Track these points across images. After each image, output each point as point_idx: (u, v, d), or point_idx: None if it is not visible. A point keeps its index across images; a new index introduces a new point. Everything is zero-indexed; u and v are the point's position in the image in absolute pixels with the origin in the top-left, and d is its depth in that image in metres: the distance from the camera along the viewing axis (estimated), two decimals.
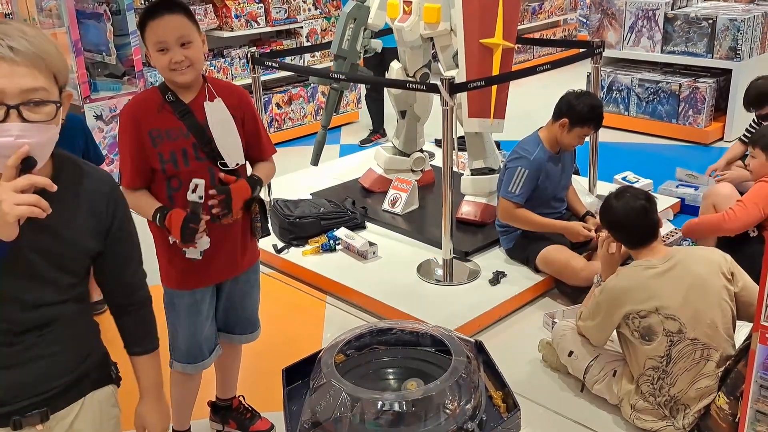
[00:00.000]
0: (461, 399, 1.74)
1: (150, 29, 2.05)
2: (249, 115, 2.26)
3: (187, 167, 2.14)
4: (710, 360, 2.47)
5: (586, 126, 3.52)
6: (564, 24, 9.58)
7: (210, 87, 2.18)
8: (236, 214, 2.21)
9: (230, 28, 5.83)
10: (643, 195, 2.69)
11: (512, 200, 3.56)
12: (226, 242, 2.25)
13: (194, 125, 2.13)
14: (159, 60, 2.07)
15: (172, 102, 2.13)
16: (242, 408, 2.72)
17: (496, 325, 3.40)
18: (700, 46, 5.85)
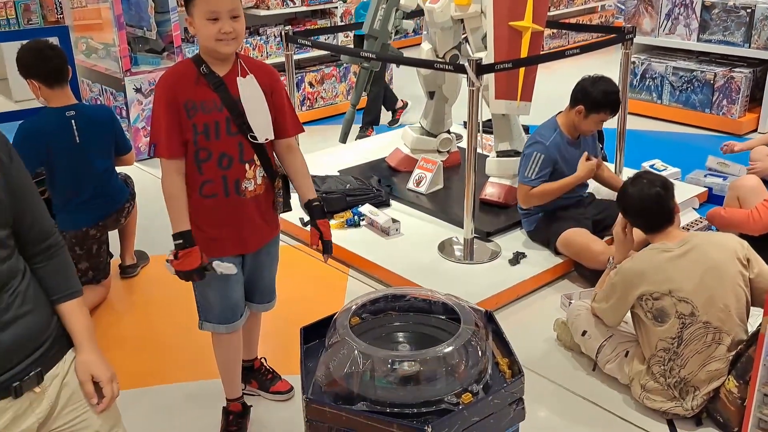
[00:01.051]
0: (468, 363, 1.81)
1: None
2: (277, 93, 2.33)
3: (218, 140, 2.22)
4: (721, 344, 2.50)
5: (602, 112, 3.54)
6: (601, 10, 9.48)
7: (242, 63, 2.25)
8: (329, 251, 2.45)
9: (266, 6, 5.92)
10: (659, 182, 2.71)
11: (529, 185, 3.60)
12: (253, 215, 2.33)
13: (227, 99, 2.20)
14: (207, 29, 2.12)
15: (207, 74, 2.19)
16: (264, 369, 2.83)
17: (514, 303, 3.46)
18: (738, 36, 5.78)
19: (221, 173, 2.24)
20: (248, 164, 2.27)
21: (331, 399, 1.81)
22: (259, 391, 2.82)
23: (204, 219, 2.27)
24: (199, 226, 2.29)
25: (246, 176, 2.27)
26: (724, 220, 3.55)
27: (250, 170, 2.28)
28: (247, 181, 2.28)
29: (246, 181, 2.27)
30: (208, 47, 2.18)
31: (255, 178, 2.29)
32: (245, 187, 2.28)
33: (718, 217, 3.58)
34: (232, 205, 2.28)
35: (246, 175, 2.27)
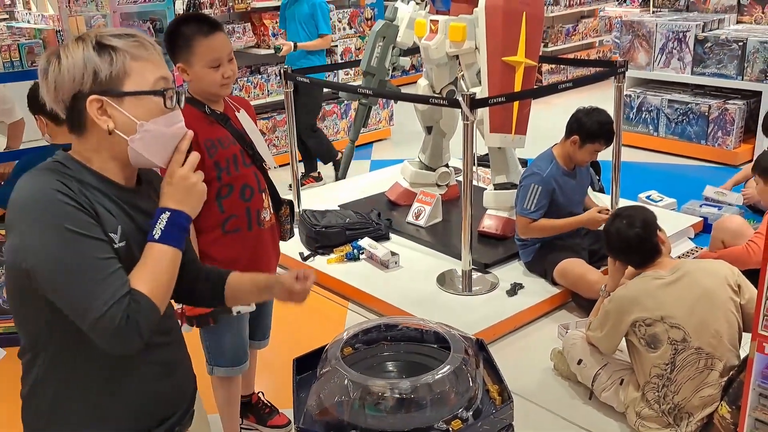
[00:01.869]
0: (458, 390, 1.84)
1: (204, 46, 2.15)
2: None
3: (237, 173, 2.27)
4: (714, 369, 2.52)
5: (597, 142, 3.61)
6: (599, 46, 9.63)
7: (228, 99, 2.34)
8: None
9: (267, 45, 6.06)
10: (639, 221, 2.71)
11: (528, 216, 3.65)
12: (268, 246, 2.39)
13: (235, 132, 2.28)
14: (210, 76, 2.17)
15: (212, 114, 2.25)
16: (261, 403, 2.85)
17: (512, 334, 3.48)
18: (731, 68, 5.87)
19: (245, 205, 2.28)
20: (264, 193, 2.35)
21: (323, 428, 1.84)
22: (257, 426, 2.84)
23: (223, 254, 2.26)
24: (214, 259, 2.24)
25: (264, 206, 2.34)
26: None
27: (266, 199, 2.35)
28: (265, 210, 2.34)
29: (264, 211, 2.35)
30: (209, 92, 2.23)
31: (269, 207, 2.37)
32: (264, 217, 2.34)
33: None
34: (253, 237, 2.32)
35: (263, 204, 2.34)
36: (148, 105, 1.34)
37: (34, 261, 1.26)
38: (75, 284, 1.25)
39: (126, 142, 1.34)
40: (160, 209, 1.37)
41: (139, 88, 1.33)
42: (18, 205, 1.28)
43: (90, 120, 1.33)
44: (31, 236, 1.25)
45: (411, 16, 4.27)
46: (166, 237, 1.35)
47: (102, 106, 1.32)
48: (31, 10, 8.21)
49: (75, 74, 1.31)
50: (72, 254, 1.25)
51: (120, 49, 1.32)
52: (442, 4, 4.09)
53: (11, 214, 1.29)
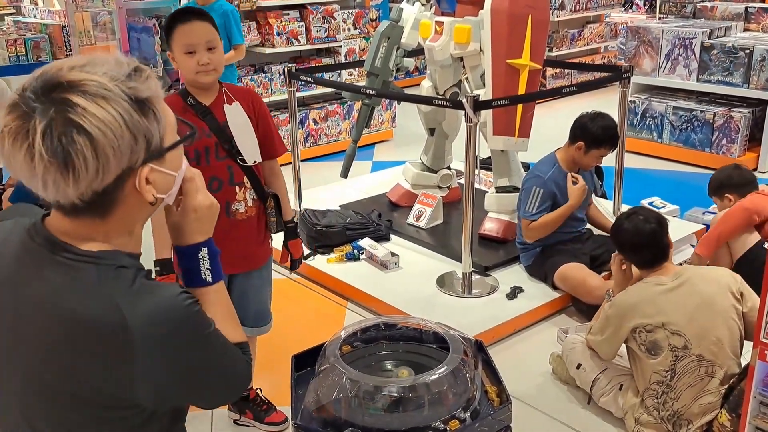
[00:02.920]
0: (456, 390, 1.82)
1: (180, 32, 2.24)
2: (263, 117, 2.45)
3: (208, 165, 2.32)
4: (714, 377, 2.50)
5: (602, 147, 3.60)
6: (604, 51, 9.62)
7: (227, 91, 2.37)
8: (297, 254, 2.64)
9: (272, 45, 6.05)
10: (654, 218, 2.73)
11: (530, 219, 3.64)
12: (241, 235, 2.41)
13: (215, 125, 2.32)
14: (186, 62, 2.25)
15: (193, 105, 2.32)
16: (258, 400, 2.85)
17: (511, 337, 3.47)
18: (737, 76, 5.85)
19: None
20: (238, 187, 2.38)
21: (320, 425, 1.82)
22: (253, 422, 2.82)
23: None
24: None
25: (236, 198, 2.38)
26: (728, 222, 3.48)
27: (240, 192, 2.39)
28: (238, 203, 2.39)
29: (236, 203, 2.38)
30: (189, 79, 2.31)
31: (246, 200, 2.40)
32: (235, 209, 2.38)
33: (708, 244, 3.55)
34: (223, 226, 2.31)
35: (236, 197, 2.38)
36: (179, 151, 1.13)
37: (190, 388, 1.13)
38: (221, 373, 1.17)
39: (154, 206, 1.11)
40: (193, 247, 1.20)
41: (173, 137, 1.10)
42: (160, 337, 1.04)
43: (123, 197, 1.05)
44: (187, 360, 1.09)
45: (416, 17, 4.25)
46: (217, 274, 1.23)
47: (146, 174, 1.06)
48: (37, 5, 8.23)
49: (122, 150, 0.99)
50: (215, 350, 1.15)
51: (155, 98, 1.05)
52: (448, 5, 4.08)
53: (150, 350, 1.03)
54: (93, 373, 1.04)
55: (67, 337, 1.03)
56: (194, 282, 1.21)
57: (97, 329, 1.01)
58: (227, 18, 4.71)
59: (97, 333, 1.02)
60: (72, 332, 1.03)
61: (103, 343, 1.02)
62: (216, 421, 2.79)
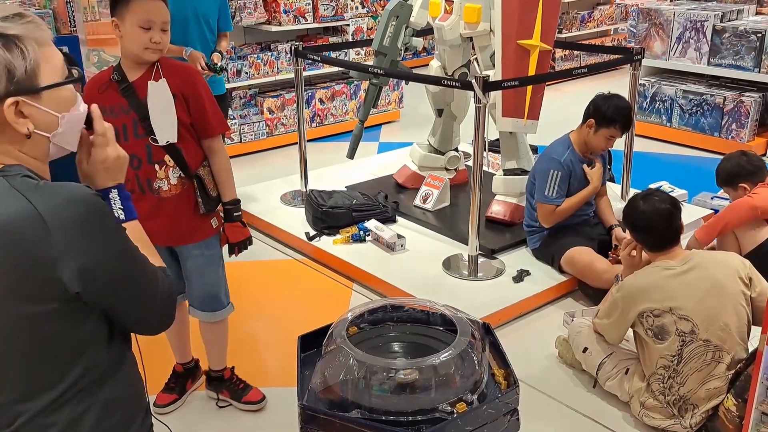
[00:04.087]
0: (463, 373, 1.82)
1: (138, 6, 2.21)
2: (194, 95, 2.38)
3: (126, 142, 2.30)
4: (721, 362, 2.49)
5: (612, 127, 3.55)
6: (614, 34, 9.52)
7: (159, 67, 2.32)
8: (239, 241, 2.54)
9: (278, 22, 6.00)
10: (669, 200, 2.72)
11: (552, 203, 3.61)
12: (169, 212, 2.40)
13: (135, 102, 2.30)
14: (138, 36, 2.22)
15: (118, 81, 2.30)
16: (235, 379, 2.85)
17: (517, 320, 3.46)
18: (748, 60, 5.78)
19: (133, 173, 2.33)
20: (158, 165, 2.36)
21: (326, 406, 1.82)
22: (231, 401, 2.83)
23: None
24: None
25: (157, 176, 2.36)
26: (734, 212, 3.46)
27: (161, 171, 2.37)
28: (160, 180, 2.37)
29: (158, 181, 2.37)
30: (134, 53, 2.27)
31: (168, 178, 2.38)
32: (158, 186, 2.37)
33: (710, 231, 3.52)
34: (150, 202, 2.37)
35: (157, 175, 2.36)
36: (64, 94, 1.23)
37: (108, 268, 1.20)
38: (144, 279, 1.27)
39: (47, 140, 1.23)
40: (104, 191, 1.34)
41: (54, 77, 1.20)
42: (72, 218, 1.15)
43: (3, 121, 1.17)
44: (103, 245, 1.19)
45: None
46: (129, 214, 1.37)
47: (17, 107, 1.17)
48: None
49: None
50: (133, 254, 1.25)
51: (25, 37, 1.16)
52: None
53: (64, 232, 1.13)
54: (20, 265, 1.14)
55: None
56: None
57: (13, 226, 1.12)
58: (223, 3, 4.21)
59: (14, 229, 1.12)
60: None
61: (21, 236, 1.13)
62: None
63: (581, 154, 3.66)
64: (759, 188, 3.47)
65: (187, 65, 2.50)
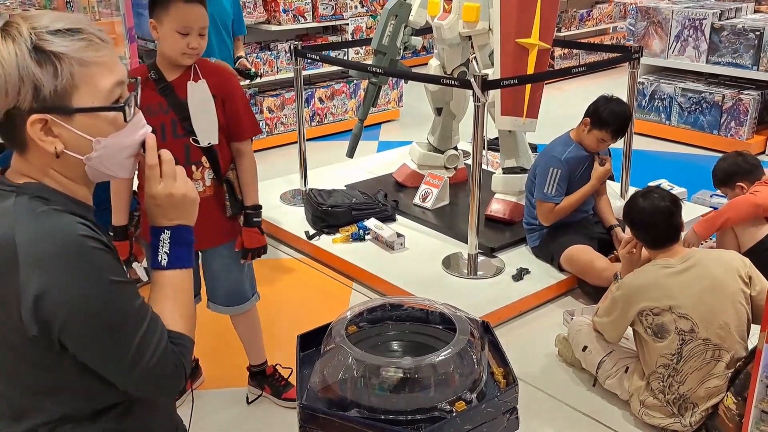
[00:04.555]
0: (462, 371, 1.82)
1: (178, 11, 2.19)
2: (231, 98, 2.38)
3: (164, 142, 2.26)
4: (721, 360, 2.50)
5: (604, 130, 3.55)
6: (613, 32, 9.52)
7: (197, 68, 2.31)
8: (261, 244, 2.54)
9: (278, 22, 6.00)
10: (669, 197, 2.72)
11: (551, 201, 3.61)
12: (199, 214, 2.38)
13: (175, 102, 2.28)
14: (176, 42, 2.20)
15: (155, 79, 2.28)
16: (277, 375, 2.87)
17: (517, 319, 3.46)
18: (746, 58, 5.78)
19: None
20: (195, 166, 2.35)
21: (325, 405, 1.82)
22: (271, 397, 2.84)
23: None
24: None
25: (193, 177, 2.34)
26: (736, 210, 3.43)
27: (197, 172, 2.36)
28: (195, 182, 2.34)
29: (194, 183, 2.33)
30: (171, 57, 2.26)
31: (203, 179, 2.37)
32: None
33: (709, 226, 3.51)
34: None
35: (193, 176, 2.34)
36: (104, 119, 1.14)
37: (74, 322, 1.08)
38: (121, 341, 1.11)
39: (81, 162, 1.15)
40: (156, 229, 1.24)
41: (93, 101, 1.12)
42: (40, 255, 1.07)
43: (29, 138, 1.11)
44: (70, 294, 1.07)
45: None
46: (175, 261, 1.23)
47: (46, 125, 1.10)
48: None
49: (8, 89, 1.07)
50: (116, 307, 1.11)
51: (65, 55, 1.09)
52: None
53: (29, 268, 1.06)
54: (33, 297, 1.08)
55: None
56: (152, 262, 1.25)
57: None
58: (237, 5, 4.17)
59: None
60: None
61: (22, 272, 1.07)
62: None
63: (581, 152, 3.66)
64: (760, 186, 3.47)
65: (223, 66, 2.52)
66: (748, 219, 3.41)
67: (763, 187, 3.45)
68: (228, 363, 3.04)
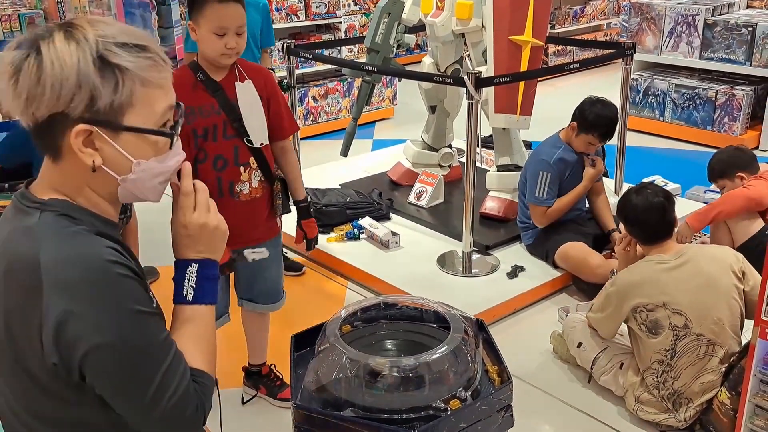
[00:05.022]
0: (456, 369, 1.82)
1: (213, 11, 2.17)
2: (274, 97, 2.41)
3: (215, 142, 2.30)
4: (715, 356, 2.50)
5: (590, 133, 3.55)
6: (606, 28, 9.53)
7: (240, 68, 2.32)
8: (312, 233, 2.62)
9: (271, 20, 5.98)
10: (662, 193, 2.73)
11: (543, 204, 3.61)
12: (245, 216, 2.38)
13: (225, 103, 2.28)
14: (213, 42, 2.19)
15: (204, 80, 2.28)
16: (273, 375, 2.87)
17: (512, 316, 3.46)
18: (739, 54, 5.80)
19: (216, 174, 2.30)
20: (243, 167, 2.34)
21: (320, 405, 1.82)
22: (267, 397, 2.84)
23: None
24: None
25: (240, 179, 2.34)
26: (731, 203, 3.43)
27: (245, 173, 2.35)
28: (242, 183, 2.35)
29: (240, 184, 2.34)
30: (211, 58, 2.26)
31: (251, 181, 2.36)
32: (239, 189, 2.35)
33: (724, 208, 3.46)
34: (225, 206, 2.23)
35: (241, 177, 2.34)
36: (149, 142, 1.11)
37: (95, 353, 1.03)
38: (143, 376, 1.06)
39: (115, 181, 1.11)
40: (183, 262, 1.19)
41: (144, 122, 1.09)
42: (64, 280, 1.02)
43: (68, 147, 1.06)
44: (90, 318, 1.02)
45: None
46: (201, 296, 1.19)
47: (90, 137, 1.06)
48: None
49: (62, 92, 1.02)
50: (139, 339, 1.06)
51: (130, 71, 1.06)
52: None
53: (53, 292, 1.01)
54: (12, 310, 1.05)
55: (4, 276, 1.07)
56: (176, 296, 1.20)
57: (19, 267, 1.04)
58: (267, 14, 3.90)
59: (18, 271, 1.04)
60: (7, 272, 1.06)
61: (20, 281, 1.04)
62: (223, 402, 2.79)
63: (571, 152, 3.65)
64: (754, 180, 3.48)
65: (262, 66, 2.51)
66: (742, 212, 3.41)
67: (758, 181, 3.46)
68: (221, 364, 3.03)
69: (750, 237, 3.38)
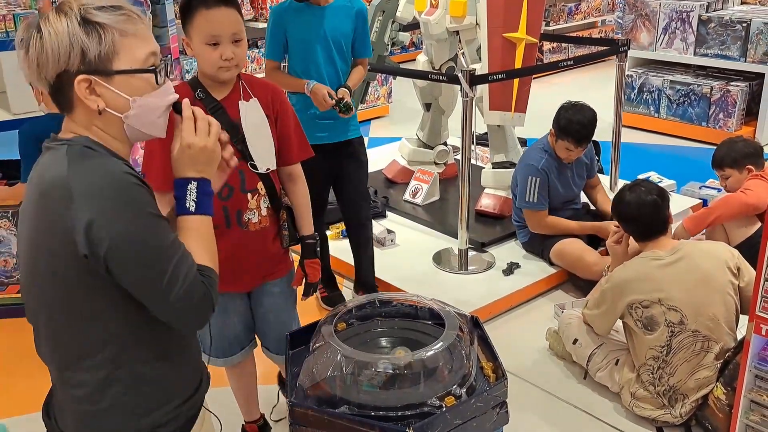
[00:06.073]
0: (451, 366, 1.82)
1: (203, 19, 1.94)
2: (283, 116, 2.14)
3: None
4: (710, 352, 2.51)
5: (565, 140, 3.53)
6: (601, 25, 9.54)
7: (245, 85, 2.07)
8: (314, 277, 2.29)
9: (265, 19, 5.98)
10: (655, 190, 2.73)
11: (535, 208, 3.61)
12: (255, 248, 2.15)
13: (227, 123, 1.97)
14: (207, 54, 1.96)
15: (203, 99, 2.02)
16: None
17: (508, 313, 3.47)
18: (734, 50, 5.81)
19: (221, 204, 2.05)
20: (251, 194, 2.09)
21: (315, 403, 1.82)
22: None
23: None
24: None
25: (249, 207, 2.10)
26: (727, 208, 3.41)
27: (253, 200, 2.10)
28: (250, 212, 2.11)
29: (249, 212, 2.10)
30: (208, 73, 2.02)
31: (259, 208, 2.12)
32: (248, 218, 2.10)
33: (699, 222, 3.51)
34: (234, 238, 2.10)
35: (248, 205, 2.10)
36: (138, 82, 1.32)
37: (118, 247, 1.23)
38: (158, 267, 1.26)
39: (119, 120, 1.32)
40: (183, 180, 1.37)
41: (130, 65, 1.31)
42: (90, 189, 1.24)
43: (77, 98, 1.30)
44: (116, 222, 1.23)
45: None
46: (202, 207, 1.37)
47: (90, 85, 1.29)
48: None
49: (60, 53, 1.26)
50: (153, 237, 1.27)
51: (108, 26, 1.28)
52: None
53: (82, 200, 1.23)
54: (48, 224, 1.26)
55: (37, 200, 1.29)
56: (179, 209, 1.37)
57: (51, 188, 1.26)
58: (362, 21, 3.12)
59: (50, 191, 1.26)
60: (41, 196, 1.28)
61: (53, 198, 1.25)
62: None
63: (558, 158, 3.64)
64: (754, 180, 3.44)
65: (269, 82, 2.21)
66: (739, 218, 3.40)
67: (756, 184, 3.42)
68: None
69: (746, 238, 3.38)
